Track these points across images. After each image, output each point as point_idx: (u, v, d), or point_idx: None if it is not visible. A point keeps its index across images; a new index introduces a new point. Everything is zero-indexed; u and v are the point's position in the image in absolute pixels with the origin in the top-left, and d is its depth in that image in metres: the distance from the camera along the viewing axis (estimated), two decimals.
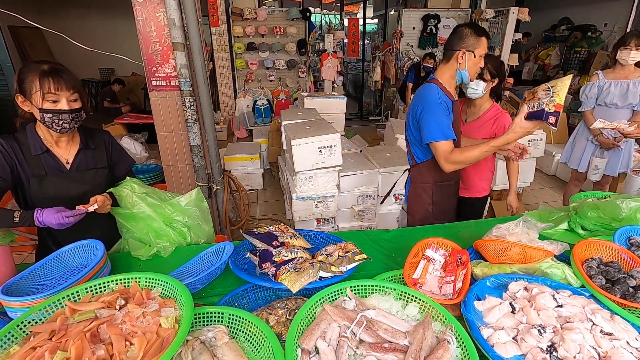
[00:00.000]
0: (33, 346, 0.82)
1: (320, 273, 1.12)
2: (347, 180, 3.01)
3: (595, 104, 2.92)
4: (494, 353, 0.84)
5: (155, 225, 1.43)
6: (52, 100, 1.25)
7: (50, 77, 1.23)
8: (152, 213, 1.42)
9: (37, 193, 1.36)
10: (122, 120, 4.97)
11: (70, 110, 1.28)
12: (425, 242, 1.28)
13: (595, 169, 3.00)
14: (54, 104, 1.26)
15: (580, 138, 3.14)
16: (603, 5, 7.23)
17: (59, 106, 1.26)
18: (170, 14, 2.31)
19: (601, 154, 2.99)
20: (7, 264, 1.17)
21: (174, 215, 1.48)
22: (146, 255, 1.40)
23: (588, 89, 2.93)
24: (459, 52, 1.63)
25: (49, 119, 1.27)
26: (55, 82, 1.24)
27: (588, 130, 3.02)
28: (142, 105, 7.32)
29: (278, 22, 6.57)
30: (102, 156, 1.52)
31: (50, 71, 1.24)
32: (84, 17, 8.26)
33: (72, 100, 1.29)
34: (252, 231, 1.41)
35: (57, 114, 1.27)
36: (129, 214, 1.42)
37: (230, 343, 0.90)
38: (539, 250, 1.19)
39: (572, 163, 3.24)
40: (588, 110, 2.96)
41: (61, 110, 1.27)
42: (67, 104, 1.28)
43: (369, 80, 7.62)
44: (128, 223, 1.42)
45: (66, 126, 1.30)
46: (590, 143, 3.04)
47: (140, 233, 1.42)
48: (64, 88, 1.26)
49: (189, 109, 2.56)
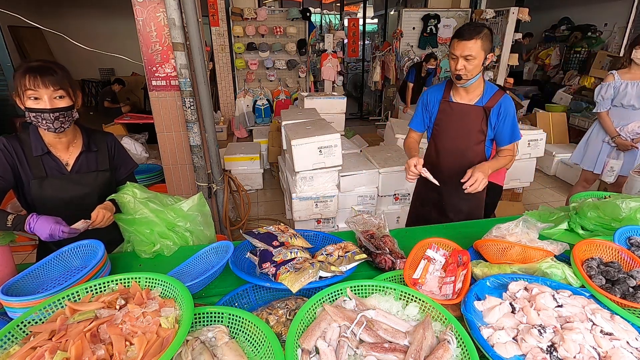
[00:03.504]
0: (33, 346, 0.82)
1: (320, 273, 1.12)
2: (347, 180, 3.01)
3: (611, 105, 2.86)
4: (494, 353, 0.84)
5: (158, 229, 1.43)
6: (33, 98, 1.21)
7: (31, 74, 1.18)
8: (155, 218, 1.41)
9: (37, 194, 1.35)
10: (122, 120, 4.97)
11: (52, 109, 1.22)
12: (425, 242, 1.28)
13: (611, 171, 2.94)
14: (35, 102, 1.21)
15: (595, 139, 3.06)
16: (603, 5, 7.23)
17: (40, 104, 1.21)
18: (170, 14, 2.31)
19: (616, 156, 2.93)
20: (7, 264, 1.17)
21: (177, 220, 1.47)
22: (150, 252, 1.40)
23: (604, 90, 2.86)
24: None
25: (34, 117, 1.23)
26: (34, 78, 1.18)
27: (603, 131, 2.96)
28: (142, 105, 7.32)
29: (278, 22, 6.57)
30: (105, 159, 1.50)
31: (33, 68, 1.19)
32: (84, 17, 8.27)
33: (55, 98, 1.23)
34: (252, 231, 1.41)
35: (39, 112, 1.22)
36: (132, 220, 1.41)
37: (230, 343, 0.90)
38: (539, 250, 1.18)
39: (585, 164, 3.16)
40: (604, 112, 2.90)
41: (43, 109, 1.21)
42: (50, 102, 1.22)
43: (369, 80, 7.63)
44: (131, 228, 1.42)
45: (51, 125, 1.25)
46: (606, 144, 2.97)
47: (144, 236, 1.42)
48: (46, 85, 1.20)
49: (189, 109, 2.56)
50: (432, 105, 1.91)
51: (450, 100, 1.84)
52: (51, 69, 1.23)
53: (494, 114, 1.78)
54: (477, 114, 1.79)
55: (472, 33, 1.59)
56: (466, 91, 1.79)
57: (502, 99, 1.77)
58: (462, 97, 1.82)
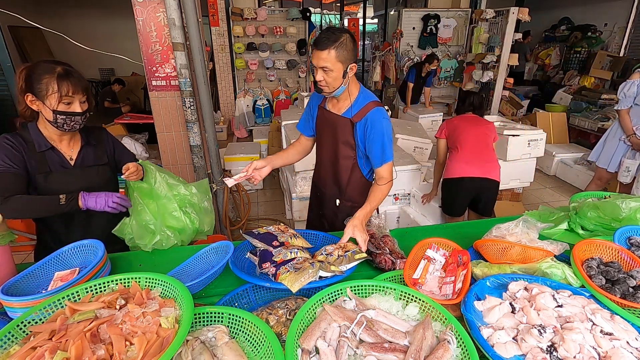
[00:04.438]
0: (33, 346, 0.82)
1: (320, 273, 1.12)
2: None
3: (633, 103, 2.83)
4: (494, 353, 0.84)
5: (170, 207, 1.47)
6: (67, 103, 1.28)
7: (68, 81, 1.26)
8: (169, 193, 1.48)
9: (43, 188, 1.37)
10: (122, 120, 4.97)
11: (82, 112, 1.32)
12: (426, 242, 1.28)
13: (627, 171, 2.91)
14: (67, 106, 1.29)
15: (612, 137, 3.03)
16: (603, 5, 7.23)
17: (72, 108, 1.29)
18: (170, 14, 2.31)
19: (632, 156, 2.90)
20: (7, 264, 1.17)
21: (191, 197, 1.53)
22: (150, 245, 1.41)
23: (627, 88, 2.82)
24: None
25: (62, 120, 1.29)
26: (72, 85, 1.27)
27: (622, 130, 2.92)
28: (142, 105, 7.30)
29: (278, 22, 6.57)
30: (103, 153, 1.53)
31: (66, 74, 1.27)
32: (84, 17, 8.26)
33: (82, 102, 1.32)
34: (252, 231, 1.41)
35: (70, 115, 1.30)
36: (149, 190, 1.46)
37: (230, 343, 0.90)
38: (539, 250, 1.18)
39: (600, 161, 3.14)
40: (624, 109, 2.86)
41: (74, 113, 1.30)
42: (80, 106, 1.31)
43: (369, 80, 7.62)
44: (144, 200, 1.45)
45: (76, 126, 1.34)
46: (622, 143, 2.94)
47: (151, 213, 1.44)
48: (78, 91, 1.29)
49: (189, 109, 2.56)
50: (313, 111, 1.73)
51: (325, 108, 1.66)
52: (78, 75, 1.31)
53: (360, 129, 1.56)
54: (345, 125, 1.59)
55: (327, 42, 1.36)
56: (337, 100, 1.60)
57: (370, 113, 1.53)
58: (334, 106, 1.63)
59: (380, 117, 1.53)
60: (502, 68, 5.62)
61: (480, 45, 6.38)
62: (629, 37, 6.81)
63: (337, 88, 1.47)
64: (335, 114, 1.61)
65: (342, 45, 1.38)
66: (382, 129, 1.52)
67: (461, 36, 7.05)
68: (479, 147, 2.61)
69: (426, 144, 3.64)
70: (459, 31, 7.03)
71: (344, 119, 1.58)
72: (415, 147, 3.63)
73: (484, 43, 6.33)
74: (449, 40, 7.07)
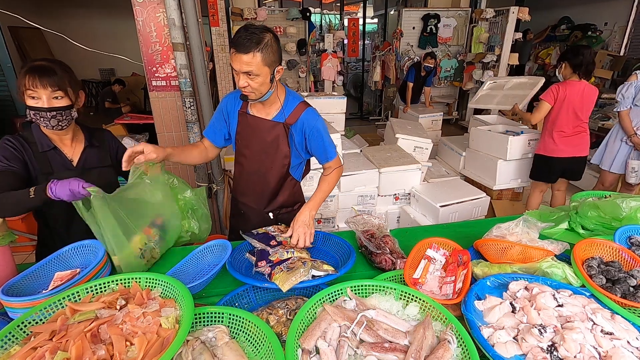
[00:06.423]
0: (33, 346, 0.82)
1: (312, 272, 1.12)
2: (347, 180, 3.00)
3: (632, 104, 2.86)
4: (494, 353, 0.84)
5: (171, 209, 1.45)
6: (32, 97, 1.25)
7: (31, 75, 1.23)
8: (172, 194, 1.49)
9: None
10: (123, 120, 4.97)
11: (49, 108, 1.27)
12: (426, 241, 1.28)
13: (633, 172, 2.94)
14: (34, 101, 1.26)
15: (614, 138, 3.07)
16: (603, 4, 7.23)
17: (39, 103, 1.26)
18: (170, 14, 2.31)
19: (637, 157, 2.92)
20: (7, 264, 1.17)
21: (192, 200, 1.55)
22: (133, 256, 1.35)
23: (624, 89, 2.86)
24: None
25: (33, 115, 1.28)
26: (33, 79, 1.23)
27: (622, 131, 2.96)
28: (143, 105, 7.30)
29: (278, 22, 6.57)
30: (106, 155, 1.52)
31: (34, 69, 1.24)
32: (84, 17, 8.26)
33: (53, 98, 1.28)
34: (250, 232, 1.41)
35: (38, 111, 1.26)
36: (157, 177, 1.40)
37: (231, 343, 0.90)
38: (539, 250, 1.18)
39: (604, 163, 3.17)
40: (624, 111, 2.89)
41: (40, 108, 1.26)
42: (47, 102, 1.26)
43: (369, 80, 7.63)
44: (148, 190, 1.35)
45: (48, 123, 1.29)
46: (624, 144, 2.98)
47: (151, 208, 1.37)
48: (44, 85, 1.24)
49: (189, 109, 2.56)
50: (231, 117, 1.59)
51: (248, 113, 1.53)
52: (51, 70, 1.26)
53: (298, 132, 1.51)
54: (277, 130, 1.50)
55: (250, 44, 1.23)
56: (262, 104, 1.48)
57: (304, 114, 1.48)
58: (259, 111, 1.51)
59: (315, 117, 1.50)
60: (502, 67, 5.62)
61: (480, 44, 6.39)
62: (629, 37, 6.81)
63: (264, 94, 1.37)
64: (264, 118, 1.50)
65: (267, 47, 1.27)
66: (320, 129, 1.50)
67: (461, 36, 7.06)
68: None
69: (426, 144, 3.63)
70: (459, 31, 7.03)
71: (276, 123, 1.49)
72: (416, 147, 3.63)
73: (484, 42, 6.33)
74: (449, 40, 7.08)
